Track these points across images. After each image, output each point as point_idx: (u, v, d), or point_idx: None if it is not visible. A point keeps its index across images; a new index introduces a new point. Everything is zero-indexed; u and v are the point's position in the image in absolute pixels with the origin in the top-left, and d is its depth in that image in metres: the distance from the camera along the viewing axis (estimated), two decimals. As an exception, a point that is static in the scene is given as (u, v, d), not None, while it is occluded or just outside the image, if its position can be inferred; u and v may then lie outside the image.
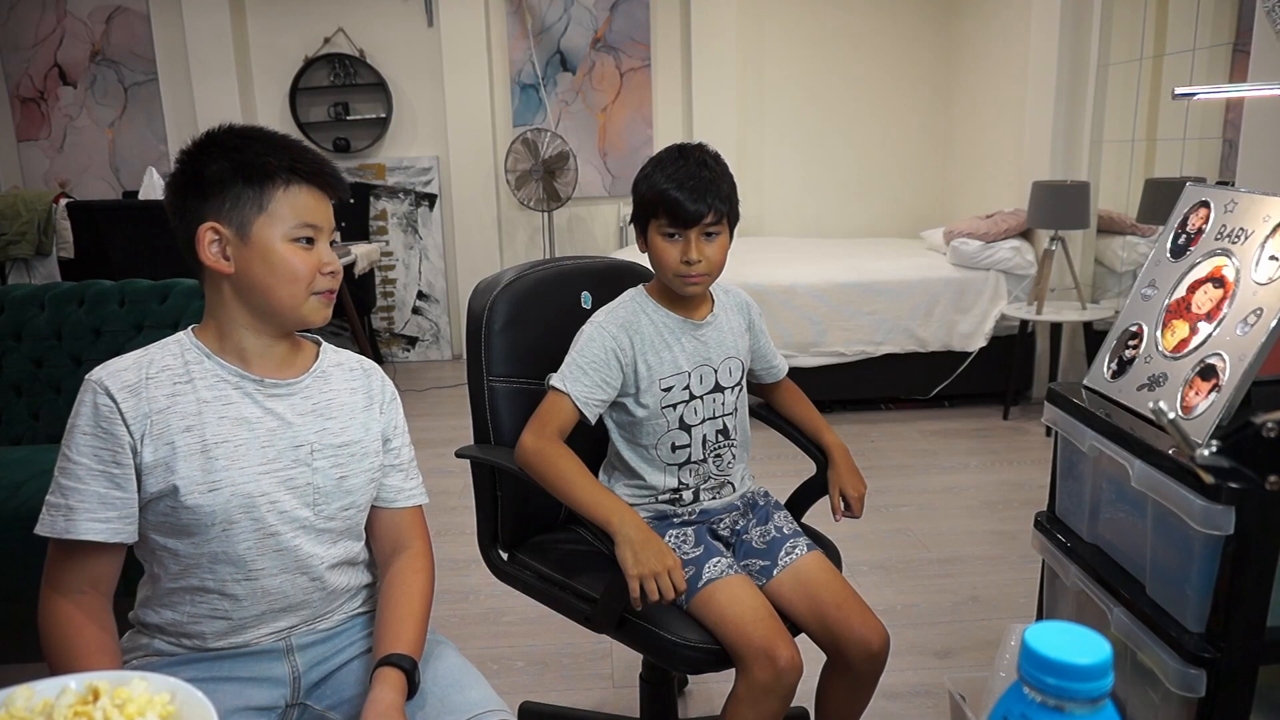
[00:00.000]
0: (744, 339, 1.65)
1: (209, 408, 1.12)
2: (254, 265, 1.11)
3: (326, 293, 1.16)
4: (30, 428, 2.56)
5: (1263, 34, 2.54)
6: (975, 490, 3.26)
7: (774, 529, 1.59)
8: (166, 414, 1.09)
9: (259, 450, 1.13)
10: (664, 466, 1.57)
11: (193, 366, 1.13)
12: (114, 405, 1.08)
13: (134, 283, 2.60)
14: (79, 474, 1.08)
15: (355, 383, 1.25)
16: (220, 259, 1.11)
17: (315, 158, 1.16)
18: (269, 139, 1.14)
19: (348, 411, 1.22)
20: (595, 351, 1.51)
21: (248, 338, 1.15)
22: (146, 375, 1.11)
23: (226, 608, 1.14)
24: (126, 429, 1.08)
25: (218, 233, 1.11)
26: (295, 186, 1.12)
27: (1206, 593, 1.11)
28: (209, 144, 1.13)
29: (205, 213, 1.10)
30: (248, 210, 1.10)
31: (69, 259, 4.43)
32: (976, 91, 5.09)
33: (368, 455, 1.22)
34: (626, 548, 1.36)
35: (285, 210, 1.11)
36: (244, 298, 1.13)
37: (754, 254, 4.44)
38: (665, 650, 1.43)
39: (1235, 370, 1.12)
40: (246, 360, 1.16)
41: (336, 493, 1.19)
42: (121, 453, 1.08)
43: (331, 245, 1.18)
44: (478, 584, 2.64)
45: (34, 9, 5.21)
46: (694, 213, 1.45)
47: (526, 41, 5.29)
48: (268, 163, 1.11)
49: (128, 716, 0.81)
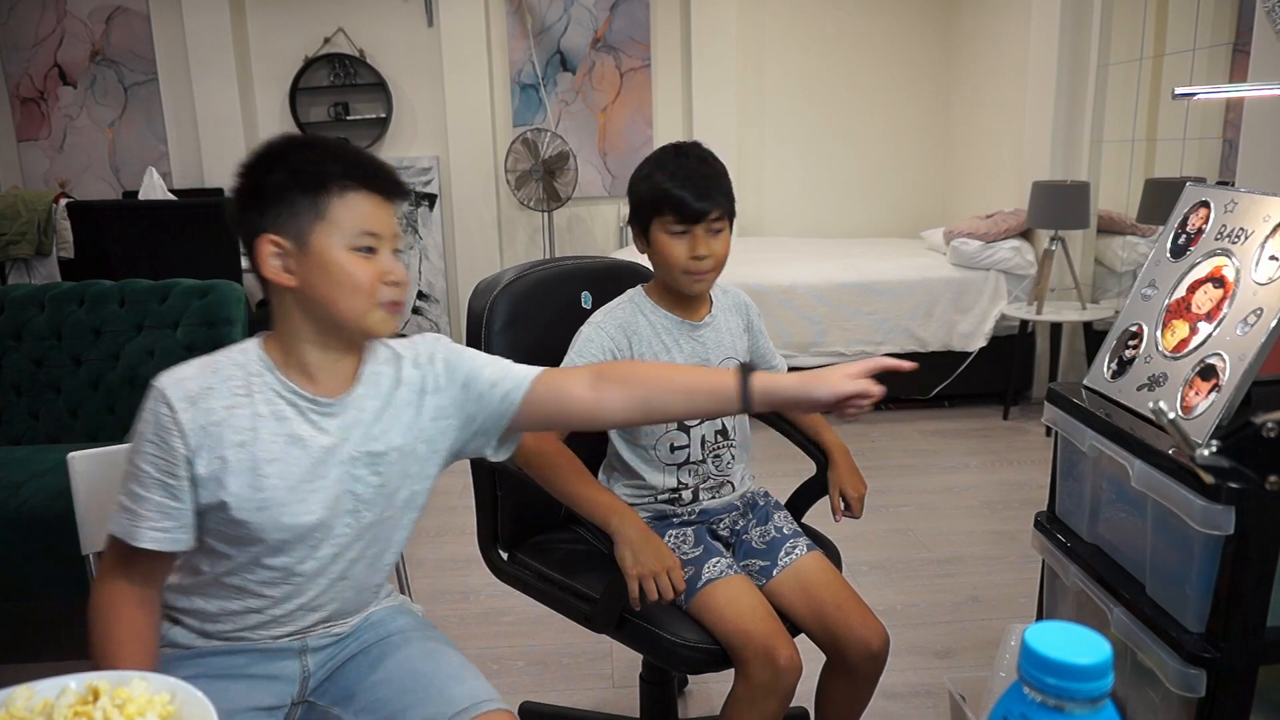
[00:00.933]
0: (743, 339, 1.65)
1: (264, 423, 1.10)
2: (315, 277, 1.08)
3: (391, 303, 1.12)
4: (30, 428, 2.56)
5: (1263, 34, 2.54)
6: (975, 490, 3.26)
7: (774, 529, 1.59)
8: (221, 427, 1.08)
9: (309, 468, 1.12)
10: (663, 466, 1.57)
11: (253, 379, 1.11)
12: (172, 416, 1.06)
13: (134, 283, 2.60)
14: (143, 480, 1.07)
15: (401, 383, 1.19)
16: (281, 272, 1.08)
17: (372, 161, 1.12)
18: (324, 145, 1.12)
19: (391, 414, 1.17)
20: (594, 352, 1.51)
21: (311, 352, 1.12)
22: (208, 385, 1.09)
23: (260, 605, 1.15)
24: (182, 440, 1.06)
25: (277, 245, 1.08)
26: (352, 193, 1.09)
27: (1206, 593, 1.11)
28: (266, 155, 1.10)
29: (264, 225, 1.08)
30: (305, 219, 1.07)
31: (69, 259, 4.43)
32: (976, 91, 5.09)
33: (406, 459, 1.19)
34: (626, 548, 1.36)
35: (343, 218, 1.08)
36: (307, 311, 1.11)
37: (754, 254, 4.44)
38: (664, 650, 1.43)
39: (1235, 370, 1.12)
40: (310, 375, 1.13)
41: (377, 499, 1.17)
42: (177, 465, 1.07)
43: (397, 253, 1.14)
44: (478, 584, 2.64)
45: (34, 9, 5.21)
46: (700, 209, 1.46)
47: (526, 41, 5.29)
48: (323, 169, 1.08)
49: (128, 716, 0.81)
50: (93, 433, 2.54)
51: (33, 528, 2.03)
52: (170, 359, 2.48)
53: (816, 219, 5.55)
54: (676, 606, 1.44)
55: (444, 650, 1.25)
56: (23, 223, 4.49)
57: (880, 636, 1.46)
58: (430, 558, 2.83)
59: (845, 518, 1.63)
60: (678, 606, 1.44)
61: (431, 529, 3.01)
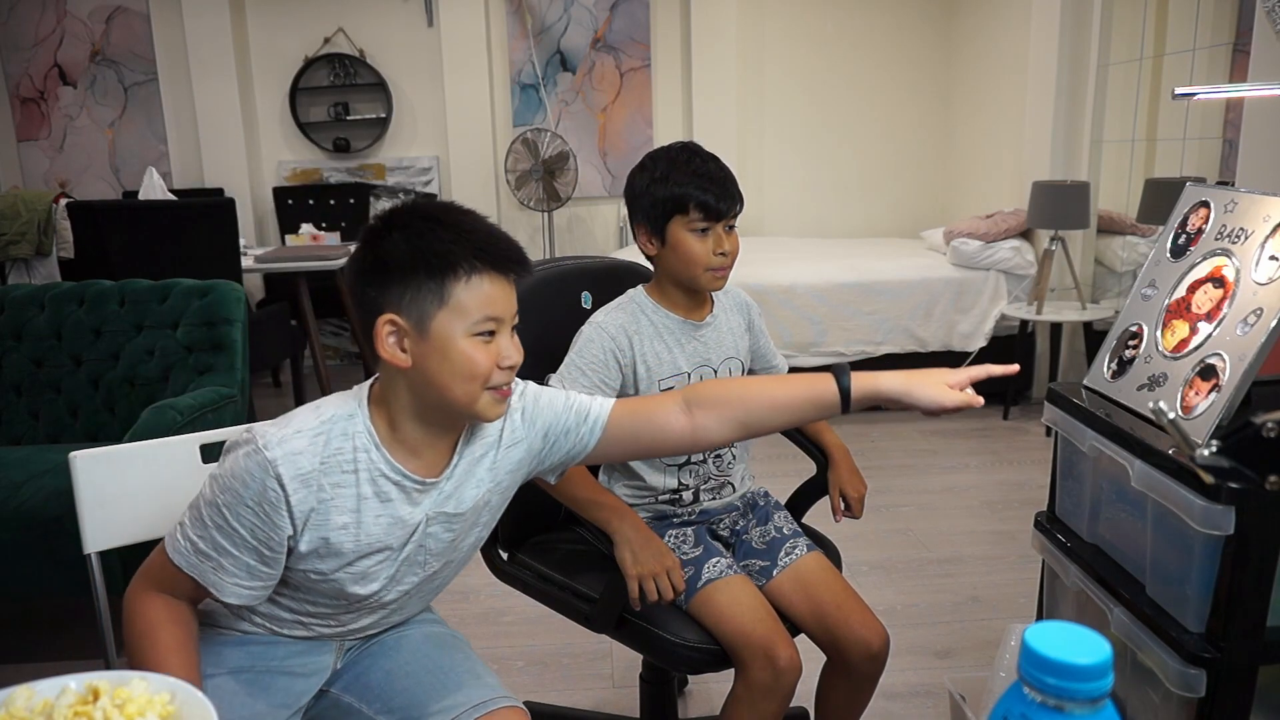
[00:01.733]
0: (744, 339, 1.65)
1: (367, 505, 1.07)
2: (431, 360, 1.03)
3: (503, 389, 1.08)
4: (30, 428, 2.56)
5: (1263, 34, 2.54)
6: (975, 490, 3.26)
7: (774, 529, 1.60)
8: (328, 506, 1.06)
9: (399, 541, 1.11)
10: (664, 468, 1.57)
11: (360, 455, 1.07)
12: (283, 495, 1.03)
13: (134, 283, 2.60)
14: (234, 540, 1.04)
15: (489, 451, 1.17)
16: (397, 352, 1.04)
17: (501, 242, 1.07)
18: (454, 223, 1.06)
19: (472, 477, 1.15)
20: (594, 352, 1.51)
21: (415, 429, 1.09)
22: (321, 462, 1.05)
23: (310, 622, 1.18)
24: (290, 520, 1.04)
25: (396, 325, 1.03)
26: (479, 277, 1.03)
27: (1206, 593, 1.11)
28: (392, 224, 1.05)
29: (384, 303, 1.03)
30: (428, 304, 1.02)
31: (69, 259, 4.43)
32: (976, 91, 5.09)
33: (481, 510, 1.18)
34: (625, 548, 1.37)
35: (468, 303, 1.03)
36: (416, 391, 1.07)
37: (754, 254, 4.43)
38: (664, 650, 1.43)
39: (1235, 370, 1.12)
40: (413, 450, 1.10)
41: (446, 551, 1.17)
42: (277, 539, 1.05)
43: (513, 332, 1.10)
44: (478, 584, 2.64)
45: (34, 9, 5.21)
46: (725, 208, 1.49)
47: (526, 41, 5.29)
48: (451, 250, 1.02)
49: (128, 716, 0.81)
50: (93, 433, 2.54)
51: (33, 528, 2.03)
52: (170, 359, 2.50)
53: (816, 219, 5.55)
54: (676, 607, 1.44)
55: (459, 646, 1.27)
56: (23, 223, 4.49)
57: (880, 636, 1.46)
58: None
59: (845, 518, 1.63)
60: (677, 607, 1.45)
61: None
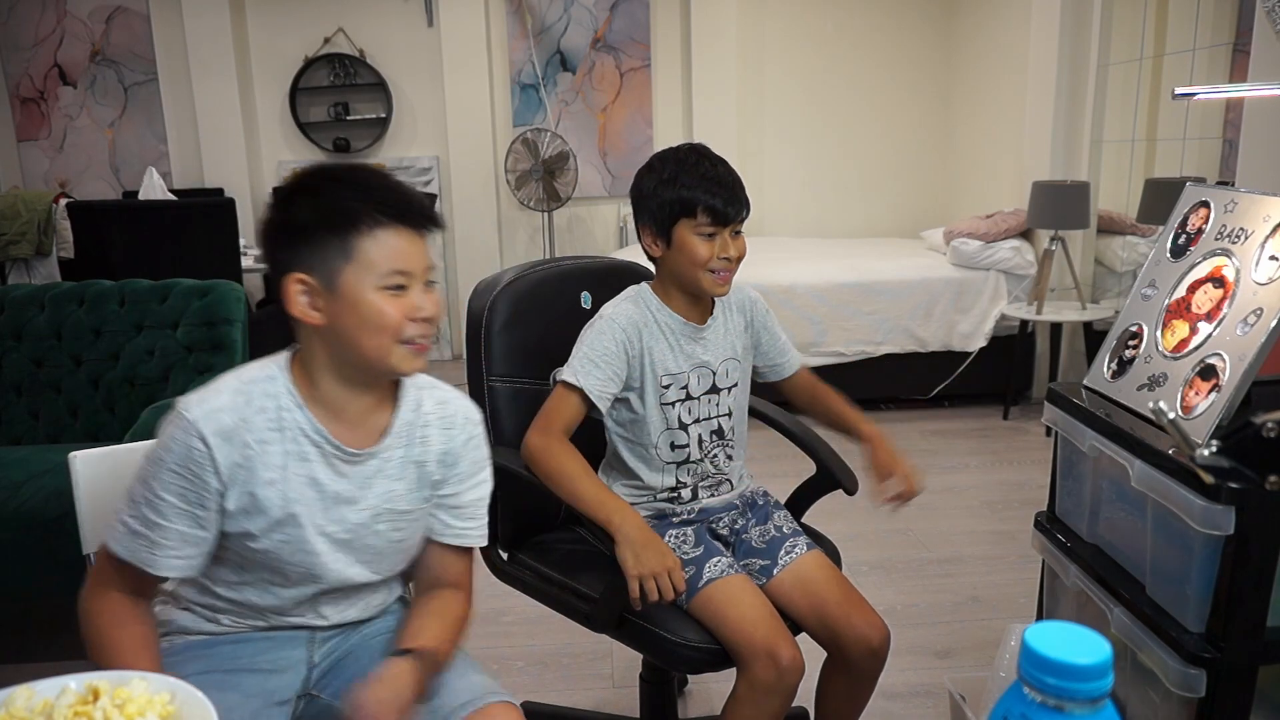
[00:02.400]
0: (743, 337, 1.65)
1: (291, 461, 1.09)
2: (342, 316, 1.05)
3: (418, 341, 1.09)
4: (30, 428, 2.56)
5: (1263, 34, 2.54)
6: (975, 490, 3.26)
7: (773, 528, 1.60)
8: (254, 463, 1.07)
9: (322, 514, 1.12)
10: (662, 466, 1.57)
11: (284, 415, 1.09)
12: (207, 451, 1.04)
13: (134, 283, 2.60)
14: (164, 510, 1.05)
15: (426, 434, 1.18)
16: (309, 310, 1.06)
17: (403, 194, 1.08)
18: (355, 179, 1.07)
19: (410, 471, 1.17)
20: (606, 344, 1.51)
21: (335, 388, 1.11)
22: (243, 418, 1.06)
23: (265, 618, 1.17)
24: (216, 476, 1.05)
25: (305, 284, 1.05)
26: (382, 230, 1.05)
27: (1206, 593, 1.11)
28: (295, 188, 1.08)
29: (292, 263, 1.05)
30: (334, 260, 1.04)
31: (69, 259, 4.43)
32: (976, 91, 5.09)
33: (424, 517, 1.20)
34: (627, 548, 1.37)
35: (373, 257, 1.04)
36: (332, 347, 1.08)
37: (754, 254, 4.38)
38: (665, 650, 1.43)
39: (1235, 370, 1.12)
40: (336, 411, 1.11)
41: (392, 551, 1.19)
42: (208, 497, 1.06)
43: (430, 284, 1.11)
44: (478, 584, 2.63)
45: (34, 9, 5.21)
46: (733, 212, 1.50)
47: (526, 41, 5.29)
48: (351, 206, 1.04)
49: (128, 716, 0.81)
50: (93, 433, 2.54)
51: (33, 528, 2.03)
52: (170, 359, 2.50)
53: (816, 219, 5.55)
54: (677, 606, 1.44)
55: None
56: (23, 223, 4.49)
57: (881, 632, 1.46)
58: (430, 558, 2.83)
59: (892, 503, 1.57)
60: (678, 606, 1.45)
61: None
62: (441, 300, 1.13)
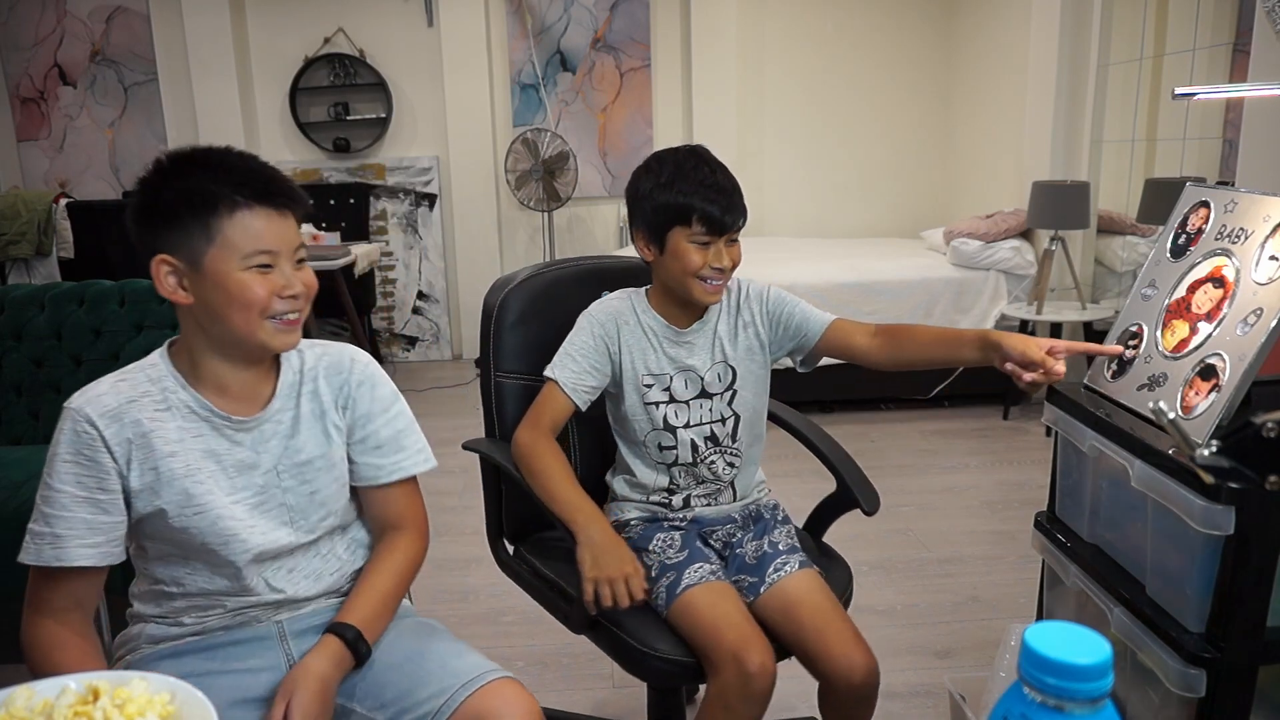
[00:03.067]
0: (743, 338, 1.59)
1: (187, 437, 1.12)
2: (209, 295, 1.08)
3: (286, 317, 1.11)
4: (30, 428, 2.56)
5: (1263, 34, 2.54)
6: (975, 490, 3.26)
7: (768, 544, 1.52)
8: (150, 438, 1.09)
9: (228, 481, 1.14)
10: (654, 464, 1.57)
11: (170, 395, 1.12)
12: (95, 432, 1.07)
13: (134, 283, 2.60)
14: (63, 502, 1.07)
15: (315, 387, 1.21)
16: (178, 290, 1.08)
17: (263, 175, 1.10)
18: (215, 163, 1.09)
19: (307, 424, 1.19)
20: (583, 339, 1.52)
21: (218, 365, 1.13)
22: (128, 399, 1.10)
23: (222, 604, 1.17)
24: (110, 455, 1.08)
25: (171, 265, 1.08)
26: (243, 211, 1.06)
27: (1206, 593, 1.11)
28: (159, 172, 1.09)
29: (158, 245, 1.08)
30: (197, 242, 1.06)
31: (69, 259, 4.43)
32: (976, 91, 5.09)
33: (334, 465, 1.21)
34: (587, 550, 1.37)
35: (236, 239, 1.06)
36: (204, 325, 1.11)
37: (754, 254, 4.40)
38: (634, 659, 1.41)
39: (1235, 370, 1.11)
40: (219, 387, 1.14)
41: (310, 506, 1.19)
42: (107, 479, 1.08)
43: (301, 263, 1.13)
44: (478, 584, 2.65)
45: (34, 9, 5.21)
46: (729, 221, 1.47)
47: (526, 41, 5.29)
48: (210, 190, 1.06)
49: (128, 716, 0.81)
50: (93, 433, 2.54)
51: (33, 528, 2.03)
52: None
53: (816, 219, 5.55)
54: (655, 613, 1.43)
55: (437, 630, 1.27)
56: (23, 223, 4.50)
57: (863, 668, 1.36)
58: (430, 557, 2.82)
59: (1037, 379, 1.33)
60: (656, 613, 1.43)
61: (431, 529, 3.00)
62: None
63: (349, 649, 1.13)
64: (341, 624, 1.15)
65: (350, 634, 1.14)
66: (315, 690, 1.08)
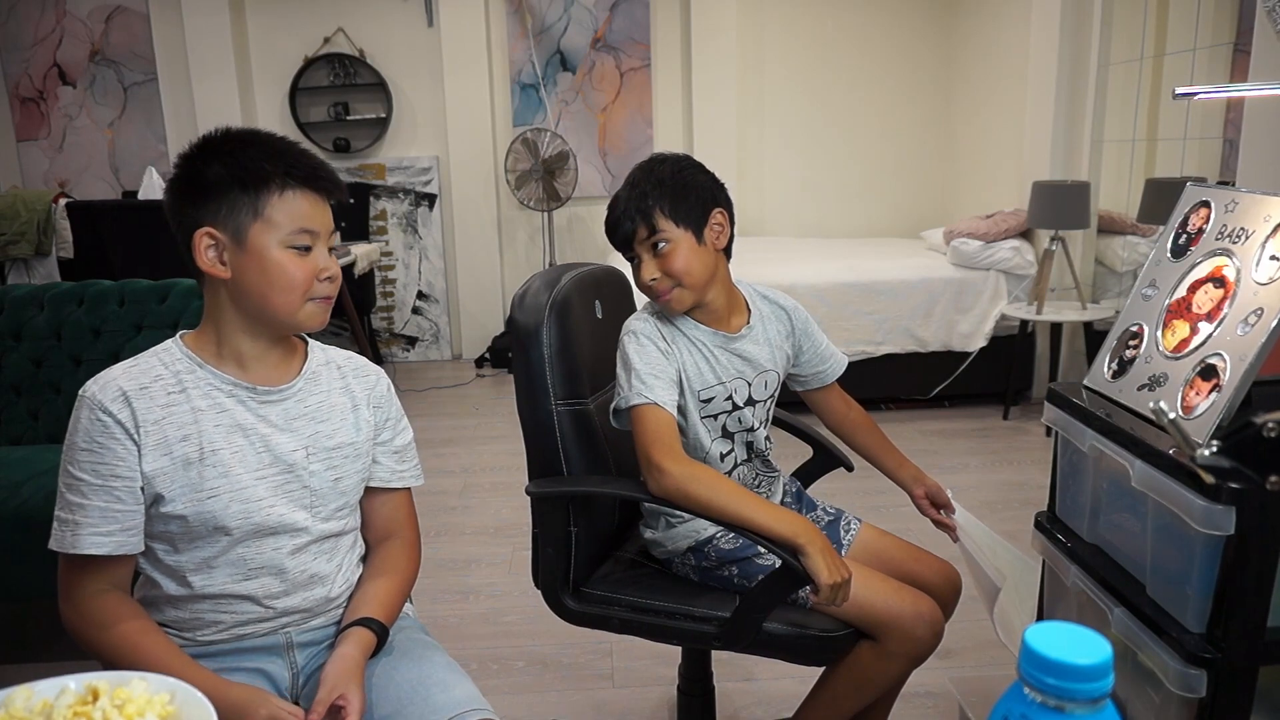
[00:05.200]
0: (783, 348, 1.59)
1: (204, 416, 1.12)
2: (250, 272, 1.12)
3: (323, 299, 1.16)
4: (30, 428, 2.56)
5: (1263, 34, 2.54)
6: (975, 490, 3.26)
7: (822, 512, 1.65)
8: (163, 424, 1.10)
9: (254, 456, 1.14)
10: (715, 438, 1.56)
11: (184, 376, 1.14)
12: (111, 417, 1.08)
13: (134, 283, 2.60)
14: (81, 489, 1.08)
15: (345, 382, 1.26)
16: (217, 264, 1.12)
17: (311, 161, 1.16)
18: (266, 143, 1.14)
19: (339, 413, 1.22)
20: (654, 357, 1.43)
21: (244, 342, 1.16)
22: (140, 385, 1.11)
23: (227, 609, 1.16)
24: (127, 437, 1.08)
25: (214, 238, 1.11)
26: (291, 192, 1.12)
27: (1207, 593, 1.11)
28: (207, 148, 1.13)
29: (202, 218, 1.11)
30: (243, 217, 1.10)
31: (69, 259, 4.43)
32: (976, 91, 5.09)
33: (360, 456, 1.24)
34: (820, 558, 1.33)
35: (281, 217, 1.11)
36: (240, 303, 1.14)
37: (754, 254, 4.44)
38: (806, 647, 1.44)
39: (1236, 370, 1.11)
40: (243, 364, 1.17)
41: (332, 494, 1.20)
42: (121, 465, 1.08)
43: (331, 250, 1.19)
44: (478, 584, 2.65)
45: (34, 9, 5.21)
46: (620, 236, 1.44)
47: (526, 41, 5.29)
48: (263, 168, 1.11)
49: (127, 717, 0.81)
50: (92, 433, 2.53)
51: (32, 528, 2.03)
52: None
53: (817, 219, 5.55)
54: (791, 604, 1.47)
55: (431, 654, 1.25)
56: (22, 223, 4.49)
57: (949, 566, 1.58)
58: (430, 557, 2.83)
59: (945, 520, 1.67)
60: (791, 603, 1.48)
61: (431, 529, 3.01)
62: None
63: (378, 641, 1.18)
64: (368, 619, 1.18)
65: (377, 627, 1.18)
66: (361, 680, 1.11)
